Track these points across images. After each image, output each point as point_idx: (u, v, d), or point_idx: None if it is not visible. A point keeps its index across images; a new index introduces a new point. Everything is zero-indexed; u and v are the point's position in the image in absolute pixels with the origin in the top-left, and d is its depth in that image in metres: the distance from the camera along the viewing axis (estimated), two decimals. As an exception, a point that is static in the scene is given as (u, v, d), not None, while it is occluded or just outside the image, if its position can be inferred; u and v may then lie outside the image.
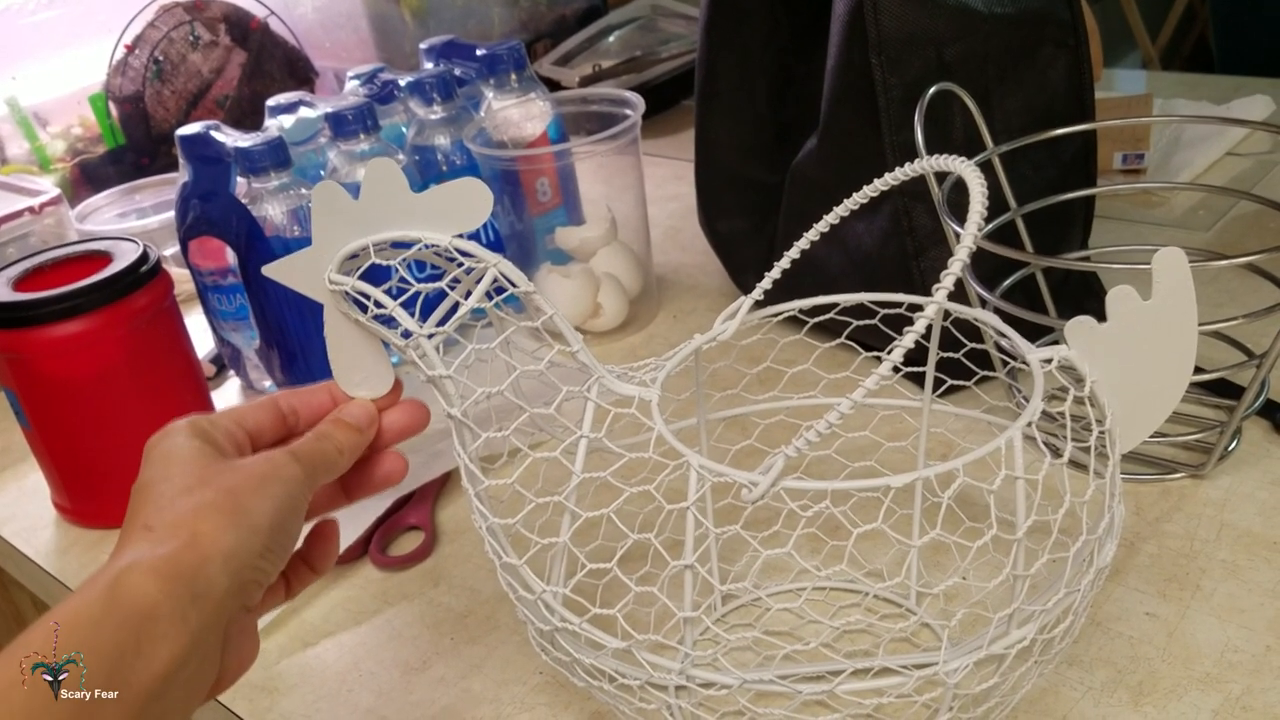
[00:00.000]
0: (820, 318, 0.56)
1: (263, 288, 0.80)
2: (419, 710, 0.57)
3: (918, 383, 0.61)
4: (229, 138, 0.81)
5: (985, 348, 0.62)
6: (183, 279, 0.93)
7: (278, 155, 0.78)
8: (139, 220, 1.13)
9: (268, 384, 0.87)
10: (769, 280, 0.54)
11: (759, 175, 0.85)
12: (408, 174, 0.46)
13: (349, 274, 0.48)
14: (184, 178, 0.83)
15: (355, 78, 0.95)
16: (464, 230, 0.47)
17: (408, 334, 0.46)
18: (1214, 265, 0.56)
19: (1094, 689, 0.52)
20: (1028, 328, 0.55)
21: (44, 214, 1.01)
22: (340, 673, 0.60)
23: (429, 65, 0.97)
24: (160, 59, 1.25)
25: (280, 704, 0.59)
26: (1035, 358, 0.47)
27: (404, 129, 0.91)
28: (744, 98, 0.83)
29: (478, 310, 0.47)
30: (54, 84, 1.23)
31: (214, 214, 0.80)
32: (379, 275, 0.48)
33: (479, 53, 0.94)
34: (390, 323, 0.47)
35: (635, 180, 0.88)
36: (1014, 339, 0.49)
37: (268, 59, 1.29)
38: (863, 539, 0.60)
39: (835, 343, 0.58)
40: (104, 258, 0.73)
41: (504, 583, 0.48)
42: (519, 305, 0.49)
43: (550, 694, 0.56)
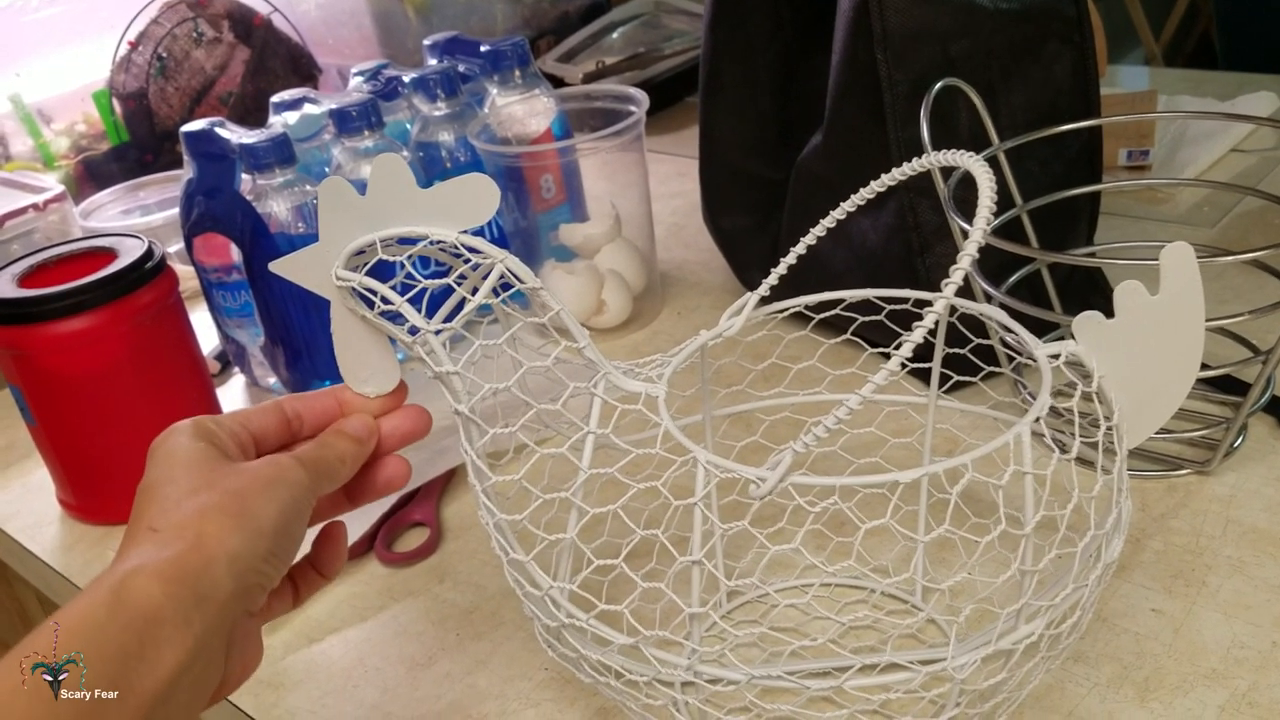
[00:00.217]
0: (825, 314, 0.56)
1: (267, 284, 0.81)
2: (424, 706, 0.57)
3: (923, 379, 0.61)
4: (233, 134, 0.81)
5: (991, 343, 0.62)
6: (187, 276, 0.93)
7: (282, 152, 0.78)
8: (143, 217, 1.13)
9: (272, 381, 0.87)
10: (775, 276, 0.54)
11: (763, 171, 0.85)
12: (412, 170, 0.46)
13: (356, 270, 0.48)
14: (188, 174, 0.83)
15: (359, 74, 0.95)
16: (471, 226, 0.47)
17: (415, 330, 0.46)
18: (1219, 261, 0.56)
19: (1100, 685, 0.52)
20: (1033, 324, 0.54)
21: (48, 211, 1.01)
22: (346, 668, 0.60)
23: (433, 61, 0.97)
24: (164, 56, 1.25)
25: (286, 699, 0.59)
26: (1042, 353, 0.47)
27: (408, 125, 0.91)
28: (748, 94, 0.83)
29: (484, 306, 0.47)
30: (58, 81, 1.23)
31: (218, 211, 0.81)
32: (385, 271, 0.48)
33: (483, 49, 0.94)
34: (397, 319, 0.47)
35: (639, 177, 0.88)
36: (1021, 334, 0.49)
37: (271, 56, 1.29)
38: (869, 535, 0.60)
39: (840, 339, 0.58)
40: (108, 254, 0.73)
41: (510, 578, 0.48)
42: (525, 301, 0.49)
43: (556, 690, 0.56)
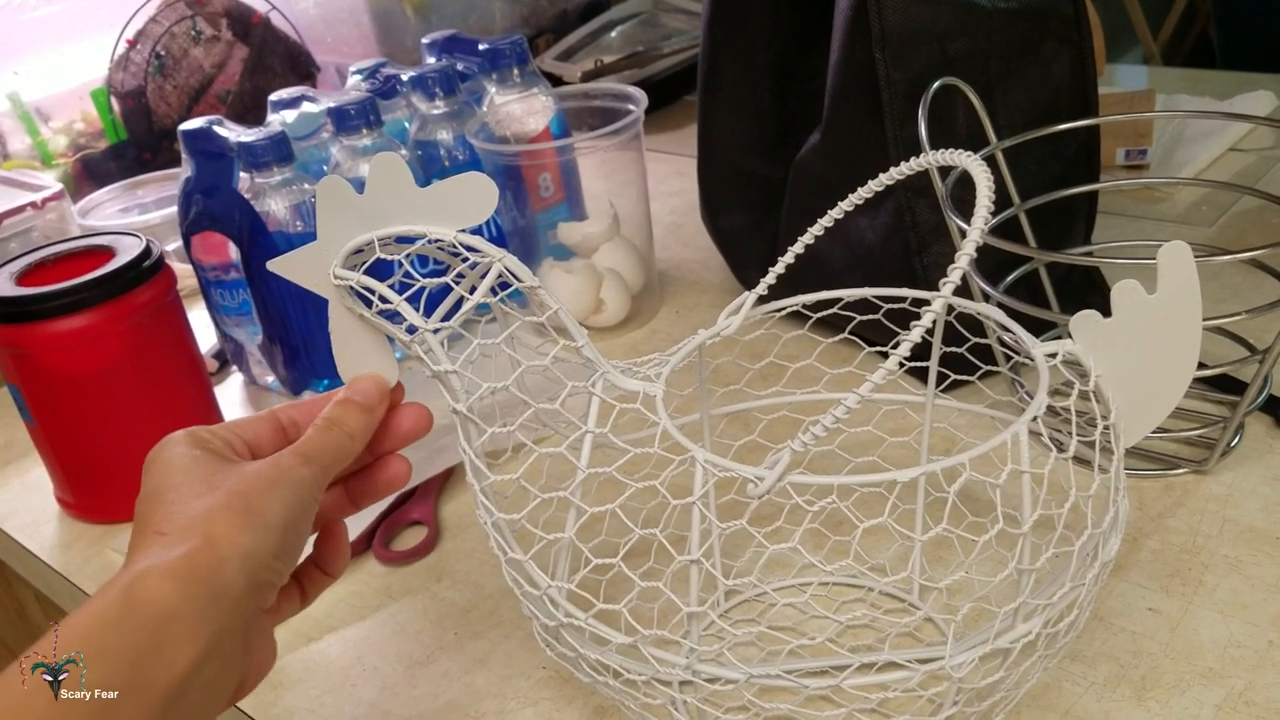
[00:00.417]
0: (823, 313, 0.56)
1: (265, 283, 0.81)
2: (422, 705, 0.57)
3: (921, 378, 0.61)
4: (231, 133, 0.81)
5: (988, 342, 0.62)
6: (185, 274, 0.93)
7: (280, 150, 0.78)
8: (141, 215, 1.13)
9: (270, 379, 0.87)
10: (773, 275, 0.54)
11: (761, 170, 0.85)
12: (410, 169, 0.46)
13: (354, 269, 0.48)
14: (186, 173, 0.83)
15: (357, 73, 0.94)
16: (469, 225, 0.47)
17: (413, 329, 0.46)
18: (1217, 260, 0.56)
19: (1097, 684, 0.52)
20: (1031, 323, 0.55)
21: (46, 209, 1.01)
22: (344, 667, 0.60)
23: (431, 60, 0.97)
24: (162, 54, 1.25)
25: (284, 698, 0.59)
26: (1040, 352, 0.47)
27: (406, 124, 0.91)
28: (746, 93, 0.83)
29: (482, 305, 0.47)
30: (56, 79, 1.23)
31: (217, 209, 0.81)
32: (383, 270, 0.48)
33: (481, 48, 0.94)
34: (395, 317, 0.47)
35: (637, 175, 0.88)
36: (1018, 333, 0.49)
37: (269, 54, 1.29)
38: (867, 534, 0.60)
39: (838, 338, 0.58)
40: (107, 253, 0.73)
41: (509, 578, 0.48)
42: (523, 300, 0.49)
43: (554, 689, 0.56)
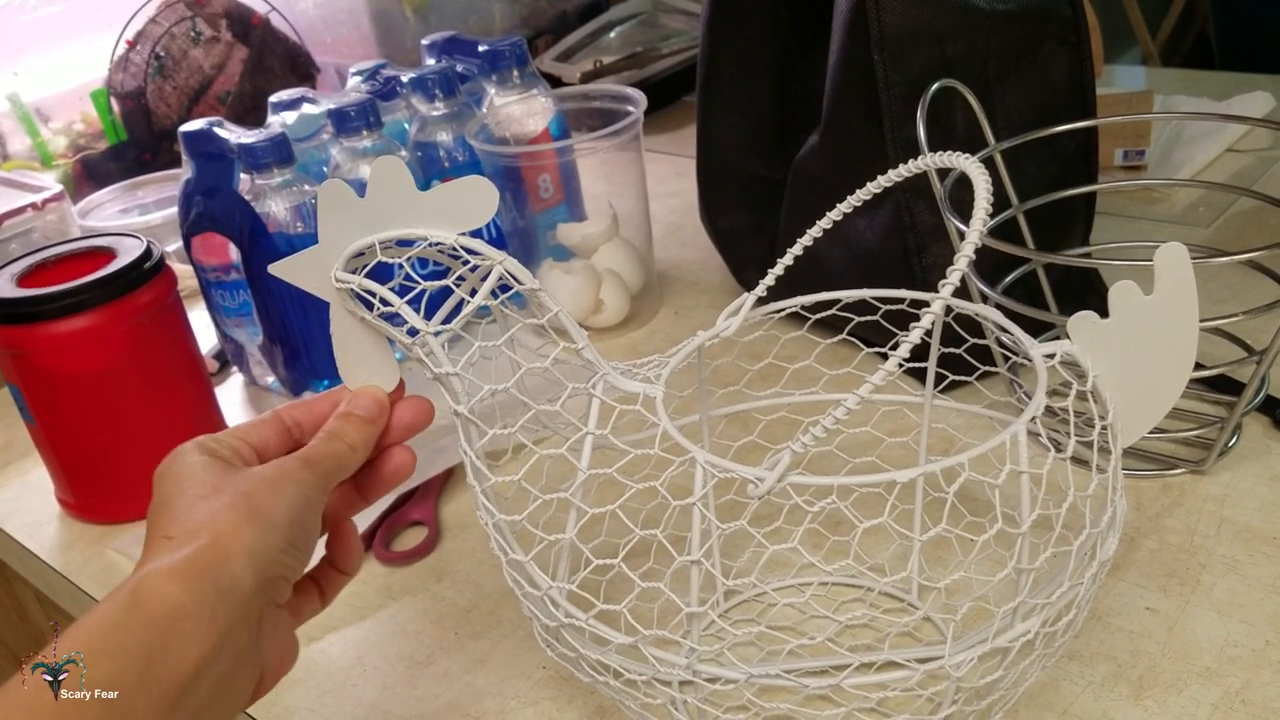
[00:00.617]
0: (822, 314, 0.56)
1: (266, 284, 0.81)
2: (423, 705, 0.57)
3: (919, 378, 0.61)
4: (232, 134, 0.81)
5: (987, 343, 0.62)
6: (186, 275, 0.93)
7: (281, 151, 0.78)
8: (141, 216, 1.13)
9: (271, 380, 0.88)
10: (772, 276, 0.54)
11: (761, 171, 0.85)
12: (410, 170, 0.47)
13: (355, 272, 0.48)
14: (187, 174, 0.83)
15: (357, 74, 0.95)
16: (469, 228, 0.47)
17: (414, 331, 0.46)
18: (1214, 262, 0.56)
19: (1095, 683, 0.52)
20: (1029, 324, 0.55)
21: (46, 210, 1.01)
22: (344, 667, 0.60)
23: (431, 61, 0.97)
24: (162, 55, 1.25)
25: (284, 697, 0.59)
26: (1038, 353, 0.47)
27: (406, 125, 0.91)
28: (746, 94, 0.83)
29: (483, 308, 0.48)
30: (56, 80, 1.23)
31: (217, 210, 0.81)
32: (384, 273, 0.48)
33: (481, 49, 0.94)
34: (396, 320, 0.47)
35: (637, 176, 0.89)
36: (1016, 334, 0.49)
37: (269, 55, 1.29)
38: (866, 534, 0.60)
39: (837, 339, 0.58)
40: (107, 254, 0.73)
41: (509, 578, 0.48)
42: (523, 302, 0.49)
43: (554, 689, 0.57)
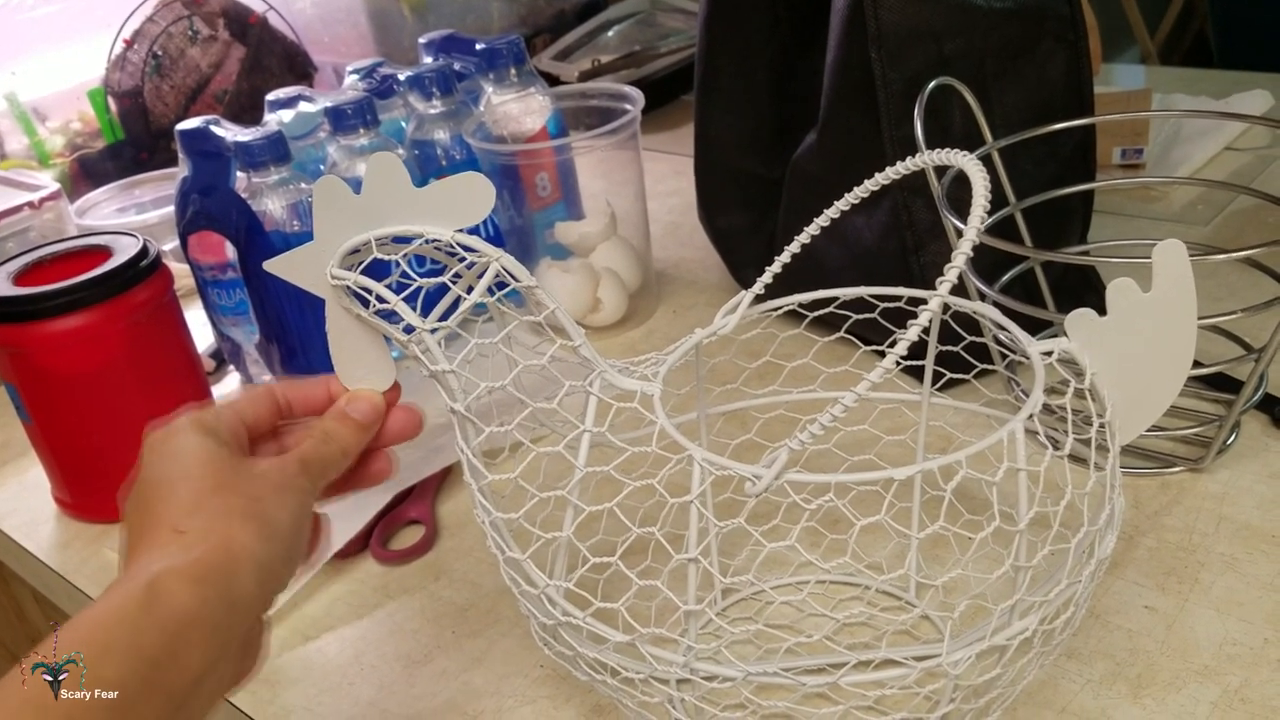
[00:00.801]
0: (820, 312, 0.56)
1: (263, 282, 0.81)
2: (420, 703, 0.57)
3: (916, 376, 0.61)
4: (228, 133, 0.81)
5: (984, 341, 0.62)
6: (182, 274, 0.93)
7: (277, 150, 0.78)
8: (138, 215, 1.13)
9: (267, 378, 0.87)
10: (769, 275, 0.54)
11: (759, 170, 0.85)
12: (407, 168, 0.46)
13: (351, 269, 0.48)
14: (183, 173, 0.83)
15: (354, 72, 0.94)
16: (466, 225, 0.47)
17: (410, 329, 0.46)
18: (1213, 259, 0.56)
19: (1093, 681, 0.52)
20: (1027, 322, 0.55)
21: (43, 209, 1.01)
22: (341, 666, 0.60)
23: (428, 60, 0.97)
24: (159, 54, 1.25)
25: (281, 697, 0.59)
26: (1036, 350, 0.47)
27: (403, 124, 0.91)
28: (744, 92, 0.83)
29: (479, 305, 0.47)
30: (53, 79, 1.23)
31: (213, 209, 0.81)
32: (380, 270, 0.48)
33: (478, 47, 0.94)
34: (392, 317, 0.47)
35: (635, 175, 0.88)
36: (1014, 332, 0.49)
37: (266, 54, 1.29)
38: (863, 532, 0.60)
39: (834, 337, 0.58)
40: (104, 252, 0.73)
41: (506, 577, 0.48)
42: (520, 300, 0.49)
43: (551, 687, 0.56)
